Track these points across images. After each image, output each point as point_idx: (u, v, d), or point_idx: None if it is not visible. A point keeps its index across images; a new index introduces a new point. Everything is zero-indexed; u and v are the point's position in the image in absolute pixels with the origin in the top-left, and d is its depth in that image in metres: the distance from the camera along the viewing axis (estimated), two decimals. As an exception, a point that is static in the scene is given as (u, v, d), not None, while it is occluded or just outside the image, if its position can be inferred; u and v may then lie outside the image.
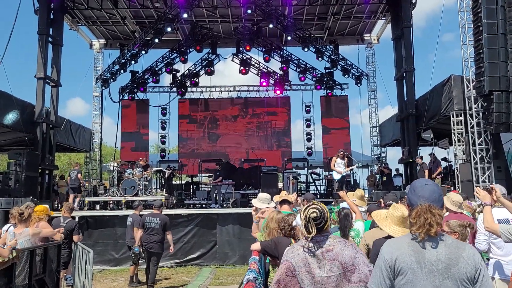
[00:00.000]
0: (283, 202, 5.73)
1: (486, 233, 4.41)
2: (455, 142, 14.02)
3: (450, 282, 2.12)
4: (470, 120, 13.02)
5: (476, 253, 2.23)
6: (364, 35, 23.30)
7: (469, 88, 13.09)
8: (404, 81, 17.57)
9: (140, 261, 9.36)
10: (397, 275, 2.21)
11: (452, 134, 14.01)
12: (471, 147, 12.93)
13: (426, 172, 14.35)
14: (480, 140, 12.72)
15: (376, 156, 23.17)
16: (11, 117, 14.79)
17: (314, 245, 2.60)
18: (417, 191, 2.35)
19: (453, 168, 14.93)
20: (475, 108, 12.88)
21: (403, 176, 18.08)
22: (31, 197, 12.21)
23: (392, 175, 17.81)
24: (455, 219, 4.06)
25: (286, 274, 2.60)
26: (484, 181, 12.34)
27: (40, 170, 15.25)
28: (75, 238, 7.86)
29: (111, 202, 14.13)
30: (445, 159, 15.63)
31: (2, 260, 4.56)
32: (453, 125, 13.95)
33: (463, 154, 13.85)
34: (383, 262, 2.26)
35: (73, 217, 8.80)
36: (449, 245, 2.20)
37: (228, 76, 60.83)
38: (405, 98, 17.49)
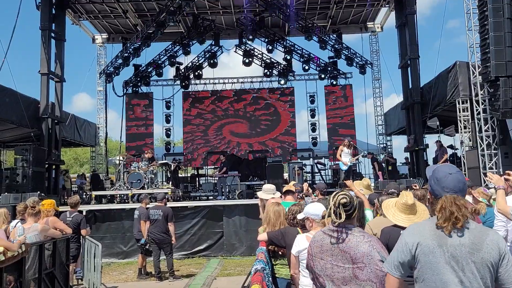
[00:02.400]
0: (287, 192, 5.73)
1: (504, 219, 4.40)
2: (461, 129, 13.94)
3: (473, 267, 2.09)
4: (476, 107, 12.92)
5: (500, 239, 2.21)
6: (367, 23, 23.09)
7: (475, 74, 12.97)
8: (409, 68, 17.44)
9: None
10: (417, 259, 2.19)
11: (458, 121, 13.93)
12: (477, 133, 12.85)
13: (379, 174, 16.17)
14: (487, 126, 12.63)
15: (382, 145, 23.11)
16: None
17: (334, 233, 2.60)
18: (441, 181, 2.30)
19: (459, 155, 14.87)
20: (481, 94, 12.77)
21: (410, 164, 18.01)
22: (38, 192, 12.29)
23: (397, 164, 17.83)
24: None
25: (308, 257, 2.73)
26: (491, 168, 12.28)
27: (46, 165, 15.34)
28: (82, 232, 7.93)
29: (118, 195, 14.21)
30: (451, 147, 15.57)
31: (11, 255, 4.60)
32: (459, 112, 13.86)
33: (470, 141, 13.78)
34: (404, 245, 2.24)
35: (80, 211, 8.87)
36: (472, 230, 2.16)
37: (232, 68, 60.72)
38: (410, 86, 17.37)
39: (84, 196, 15.88)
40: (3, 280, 4.65)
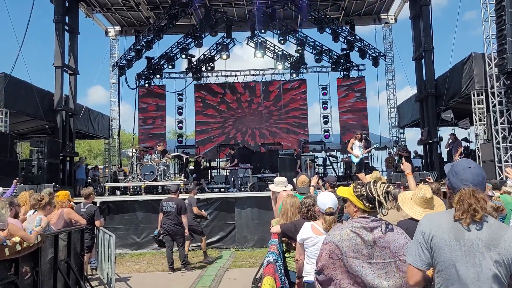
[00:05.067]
0: None
1: None
2: (476, 122, 13.75)
3: (489, 262, 2.05)
4: (491, 99, 12.73)
5: None
6: (381, 14, 22.80)
7: (490, 66, 12.77)
8: (423, 60, 17.22)
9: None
10: (433, 252, 2.15)
11: (473, 114, 13.74)
12: (492, 126, 12.68)
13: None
14: (503, 119, 12.45)
15: (395, 138, 22.92)
16: None
17: (365, 229, 2.48)
18: (460, 174, 2.25)
19: (472, 148, 14.70)
20: (497, 86, 12.57)
21: (423, 158, 17.85)
22: (53, 183, 12.47)
23: (412, 157, 17.61)
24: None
25: (330, 256, 2.48)
26: (506, 161, 12.11)
27: (61, 157, 15.55)
28: (97, 223, 8.03)
29: (131, 187, 14.35)
30: (465, 139, 15.38)
31: (27, 245, 4.69)
32: (474, 104, 13.67)
33: (485, 134, 13.59)
34: (421, 235, 2.20)
35: (94, 203, 8.98)
36: (491, 225, 2.12)
37: (246, 61, 60.49)
38: (424, 78, 17.15)
39: (98, 188, 16.08)
40: (20, 269, 4.74)
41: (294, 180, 6.53)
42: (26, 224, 5.57)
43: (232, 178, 15.29)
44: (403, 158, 14.42)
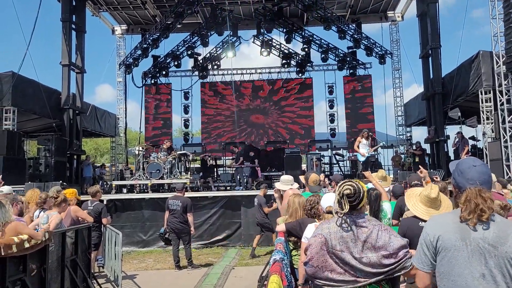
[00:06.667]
0: None
1: None
2: (483, 120, 13.66)
3: (497, 261, 2.03)
4: (499, 97, 12.64)
5: None
6: (387, 12, 22.68)
7: (498, 64, 12.67)
8: (430, 58, 17.10)
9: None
10: (439, 253, 2.14)
11: (481, 112, 13.65)
12: (500, 125, 12.59)
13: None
14: (510, 117, 12.37)
15: (403, 136, 22.81)
16: None
17: (349, 223, 2.56)
18: (465, 173, 2.24)
19: (480, 147, 14.60)
20: (505, 84, 12.48)
21: (430, 156, 17.73)
22: (60, 181, 12.55)
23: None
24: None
25: (321, 248, 2.58)
26: (514, 160, 12.02)
27: (68, 155, 15.64)
28: (103, 220, 8.07)
29: (137, 185, 14.41)
30: (473, 138, 15.28)
31: (35, 243, 4.72)
32: (482, 102, 13.58)
33: (492, 132, 13.50)
34: (425, 237, 2.20)
35: (101, 201, 9.04)
36: (497, 223, 2.09)
37: (252, 59, 60.34)
38: (431, 76, 17.04)
39: (104, 186, 16.15)
40: (28, 267, 4.78)
41: (301, 178, 6.53)
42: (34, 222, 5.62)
43: (238, 177, 15.29)
44: (420, 166, 14.26)
